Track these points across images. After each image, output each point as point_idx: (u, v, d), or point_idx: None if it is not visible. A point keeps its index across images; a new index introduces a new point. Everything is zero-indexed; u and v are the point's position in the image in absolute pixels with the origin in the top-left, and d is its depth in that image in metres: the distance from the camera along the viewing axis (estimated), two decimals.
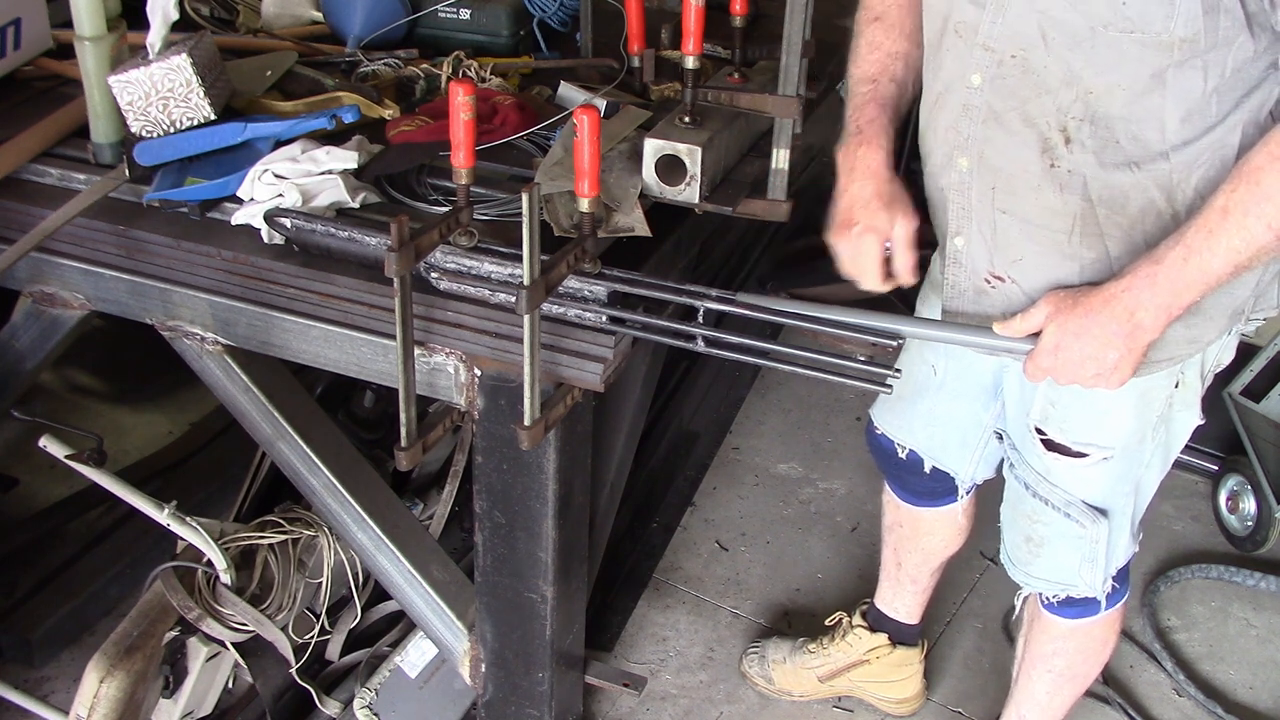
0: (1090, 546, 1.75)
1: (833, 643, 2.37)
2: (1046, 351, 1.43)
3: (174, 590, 1.97)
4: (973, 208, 1.54)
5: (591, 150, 1.49)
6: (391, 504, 2.03)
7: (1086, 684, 2.04)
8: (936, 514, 2.12)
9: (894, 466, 2.07)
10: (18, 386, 2.02)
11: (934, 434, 1.96)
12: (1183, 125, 1.37)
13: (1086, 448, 1.67)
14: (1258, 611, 2.68)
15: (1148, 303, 1.36)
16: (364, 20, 2.20)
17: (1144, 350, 1.40)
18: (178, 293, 1.79)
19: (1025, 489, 1.77)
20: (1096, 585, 1.81)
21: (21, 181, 1.88)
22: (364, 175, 1.77)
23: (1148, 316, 1.37)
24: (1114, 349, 1.39)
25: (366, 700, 2.18)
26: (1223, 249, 1.32)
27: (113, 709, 1.92)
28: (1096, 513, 1.72)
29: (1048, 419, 1.67)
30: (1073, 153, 1.41)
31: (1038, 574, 1.84)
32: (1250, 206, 1.30)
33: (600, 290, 1.60)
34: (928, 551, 2.20)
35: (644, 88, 2.07)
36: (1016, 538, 1.84)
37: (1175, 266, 1.34)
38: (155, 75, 1.75)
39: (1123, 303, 1.37)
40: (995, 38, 1.41)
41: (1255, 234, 1.30)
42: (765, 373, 3.33)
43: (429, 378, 1.71)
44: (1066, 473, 1.70)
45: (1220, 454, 2.97)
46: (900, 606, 2.31)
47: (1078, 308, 1.40)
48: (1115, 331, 1.38)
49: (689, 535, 2.83)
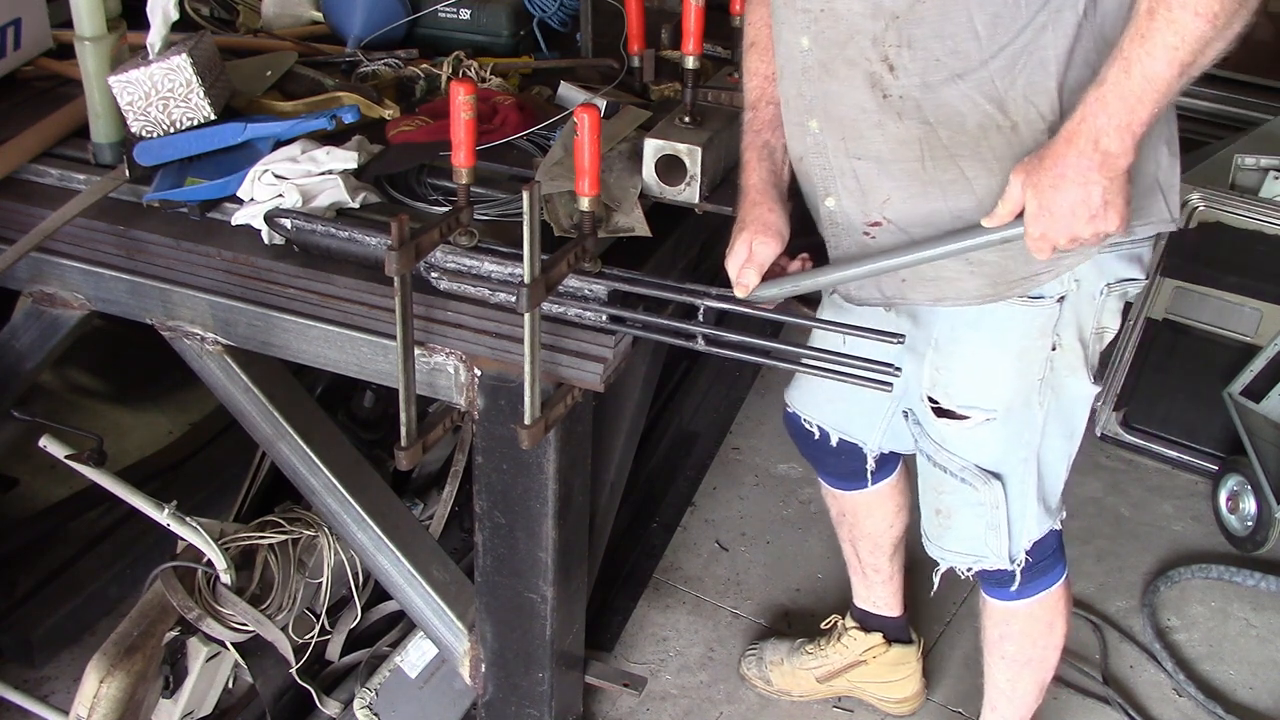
0: (991, 512, 1.78)
1: (829, 644, 2.39)
2: (1034, 218, 1.41)
3: (174, 590, 1.97)
4: (831, 165, 1.57)
5: (592, 150, 1.49)
6: (391, 504, 2.03)
7: (1046, 671, 2.05)
8: (868, 495, 2.16)
9: (812, 448, 2.12)
10: (18, 386, 2.02)
11: (838, 407, 2.01)
12: (993, 30, 1.40)
13: (970, 410, 1.71)
14: (1258, 611, 2.68)
15: (1106, 126, 1.35)
16: (364, 20, 2.20)
17: (1125, 178, 1.39)
18: (178, 293, 1.79)
19: (929, 461, 1.81)
20: (1003, 554, 1.83)
21: (21, 181, 1.88)
22: (364, 175, 1.77)
23: (1112, 141, 1.36)
24: (1094, 184, 1.37)
25: (366, 700, 2.18)
26: (1160, 49, 1.31)
27: (113, 709, 1.92)
28: (989, 475, 1.75)
29: (935, 385, 1.72)
30: (899, 79, 1.46)
31: (950, 546, 1.88)
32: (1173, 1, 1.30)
33: (600, 289, 1.61)
34: (874, 536, 2.23)
35: (644, 88, 2.08)
36: (929, 512, 1.88)
37: (1120, 81, 1.34)
38: (155, 75, 1.76)
39: (1082, 136, 1.37)
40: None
41: (1186, 25, 1.29)
42: (765, 373, 3.33)
43: (429, 378, 1.71)
44: (958, 438, 1.75)
45: (1220, 454, 2.97)
46: (877, 600, 2.33)
47: (1044, 162, 1.39)
48: (1087, 167, 1.37)
49: (689, 535, 2.83)
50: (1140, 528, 2.91)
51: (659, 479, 2.92)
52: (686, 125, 1.70)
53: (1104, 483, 3.06)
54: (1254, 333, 2.87)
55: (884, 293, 1.65)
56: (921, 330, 1.71)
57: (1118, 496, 3.02)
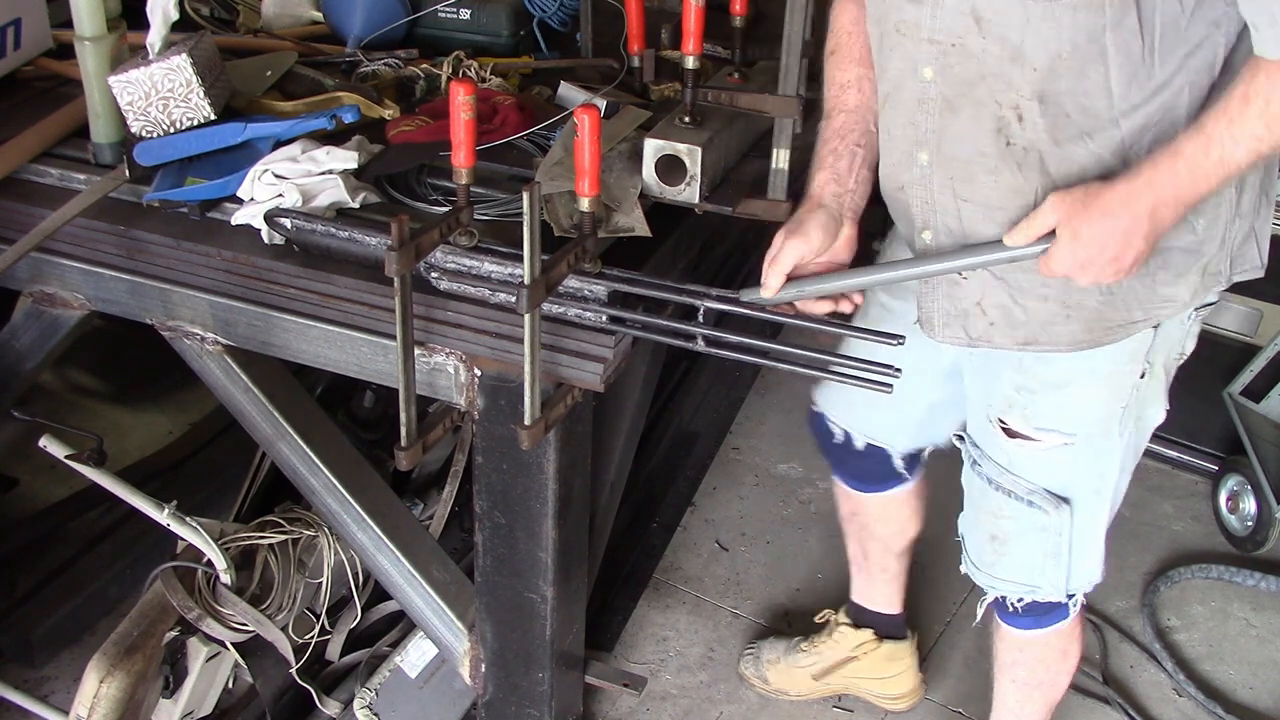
0: (1054, 539, 1.76)
1: (822, 640, 2.38)
2: (1061, 255, 1.42)
3: (174, 590, 1.97)
4: (935, 201, 1.55)
5: (592, 150, 1.49)
6: (391, 504, 2.03)
7: (1057, 692, 2.04)
8: (884, 499, 2.14)
9: (834, 449, 2.10)
10: (18, 386, 2.02)
11: (873, 413, 1.99)
12: (1128, 90, 1.39)
13: (1049, 433, 1.68)
14: (1258, 611, 2.68)
15: (1168, 198, 1.37)
16: (364, 20, 2.20)
17: (1156, 242, 1.41)
18: (178, 293, 1.79)
19: (988, 484, 1.77)
20: (1060, 585, 1.80)
21: (21, 181, 1.88)
22: (364, 175, 1.77)
23: (1169, 212, 1.38)
24: (1134, 247, 1.39)
25: (366, 700, 2.18)
26: (1245, 136, 1.33)
27: (113, 709, 1.92)
28: (1059, 500, 1.73)
29: (1012, 406, 1.69)
30: (1026, 130, 1.43)
31: (1003, 575, 1.84)
32: (1272, 94, 1.30)
33: (600, 290, 1.60)
34: (885, 539, 2.22)
35: (644, 88, 2.07)
36: (980, 539, 1.84)
37: (1197, 158, 1.35)
38: (155, 75, 1.75)
39: (1144, 200, 1.37)
40: (937, 30, 1.44)
41: (1277, 119, 1.31)
42: (765, 373, 3.33)
43: (429, 378, 1.71)
44: (1029, 460, 1.72)
45: (1220, 454, 2.97)
46: (877, 597, 2.32)
47: (1092, 210, 1.39)
48: (1139, 231, 1.38)
49: (689, 535, 2.83)
50: (1140, 528, 2.91)
51: (659, 479, 2.92)
52: (686, 125, 1.70)
53: None
54: (1254, 333, 2.87)
55: (969, 334, 1.62)
56: (997, 353, 1.66)
57: None
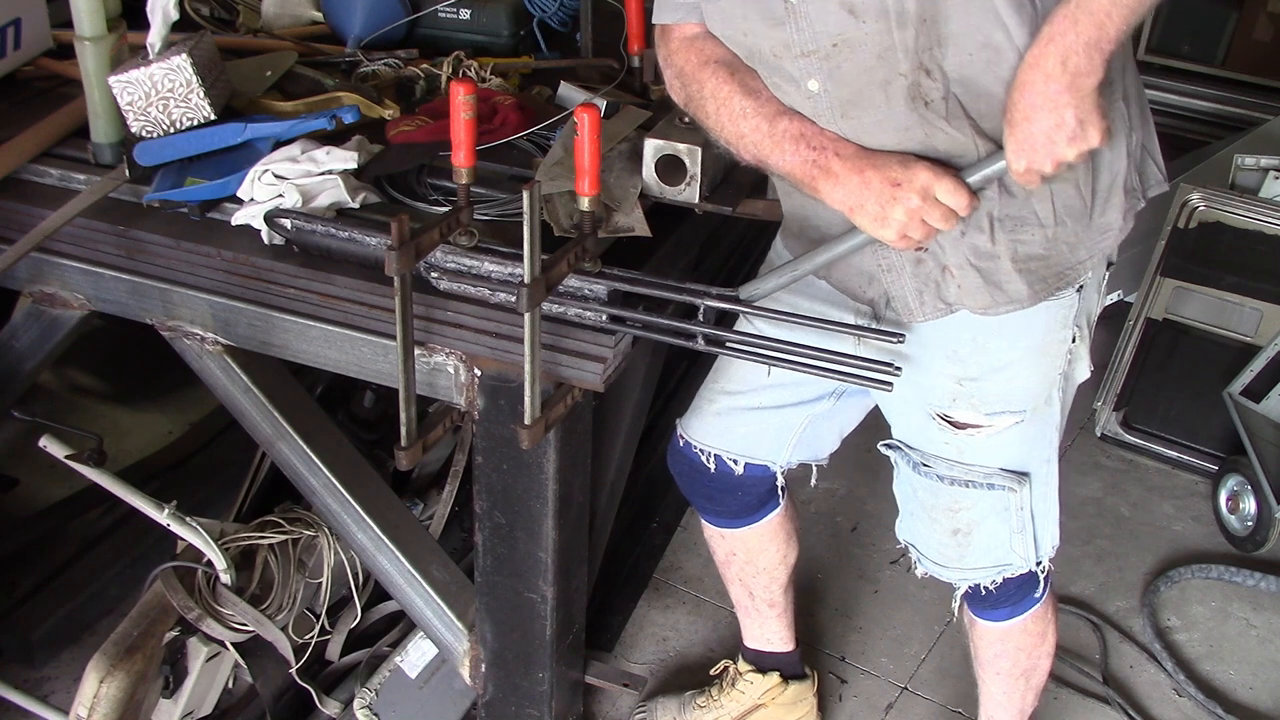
0: (1018, 514, 1.75)
1: (723, 693, 2.30)
2: (1015, 155, 1.39)
3: (174, 590, 1.97)
4: None
5: (592, 149, 1.49)
6: (391, 504, 2.03)
7: (1042, 675, 2.02)
8: (760, 529, 2.09)
9: (704, 484, 2.03)
10: (18, 386, 2.02)
11: (749, 432, 1.94)
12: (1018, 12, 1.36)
13: (1000, 415, 1.67)
14: (1258, 611, 2.68)
15: (1074, 44, 1.33)
16: (364, 20, 2.20)
17: (1096, 94, 1.36)
18: (178, 293, 1.79)
19: (940, 481, 1.74)
20: (1030, 555, 1.79)
21: (21, 181, 1.88)
22: (364, 175, 1.77)
23: (1080, 59, 1.33)
24: (1065, 107, 1.35)
25: (366, 700, 2.18)
26: None
27: (113, 709, 1.92)
28: (1019, 475, 1.72)
29: (956, 399, 1.66)
30: (937, 80, 1.41)
31: (972, 564, 1.82)
32: None
33: (600, 289, 1.60)
34: (769, 570, 2.16)
35: (644, 88, 2.08)
36: (939, 537, 1.81)
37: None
38: (155, 75, 1.76)
39: (1049, 57, 1.34)
40: (809, 41, 1.42)
41: None
42: None
43: (429, 378, 1.71)
44: (982, 446, 1.70)
45: (1220, 454, 2.97)
46: (771, 636, 2.26)
47: (1011, 95, 1.37)
48: (1056, 90, 1.34)
49: (689, 535, 2.83)
50: (1140, 528, 2.92)
51: (659, 479, 2.91)
52: (686, 125, 1.70)
53: (1104, 483, 3.06)
54: (1254, 333, 2.87)
55: (947, 300, 1.58)
56: (925, 351, 1.64)
57: (1118, 496, 3.02)
